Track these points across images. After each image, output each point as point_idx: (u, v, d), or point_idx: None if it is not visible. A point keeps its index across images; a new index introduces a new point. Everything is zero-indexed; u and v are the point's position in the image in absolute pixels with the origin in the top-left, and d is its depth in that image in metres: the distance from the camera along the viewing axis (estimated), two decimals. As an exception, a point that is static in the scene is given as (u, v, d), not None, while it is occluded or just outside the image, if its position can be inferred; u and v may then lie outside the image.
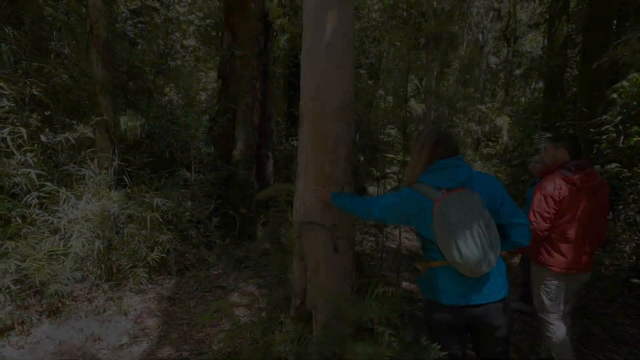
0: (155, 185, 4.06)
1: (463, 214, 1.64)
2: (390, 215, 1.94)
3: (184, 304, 3.54)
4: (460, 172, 1.76)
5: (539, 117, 9.70)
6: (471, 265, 1.62)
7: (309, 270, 2.73)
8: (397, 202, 1.88)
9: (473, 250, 1.62)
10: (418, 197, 1.78)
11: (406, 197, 1.83)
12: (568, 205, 2.47)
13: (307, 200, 2.68)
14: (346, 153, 2.60)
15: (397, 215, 1.91)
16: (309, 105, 2.59)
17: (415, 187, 1.82)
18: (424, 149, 1.85)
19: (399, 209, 1.86)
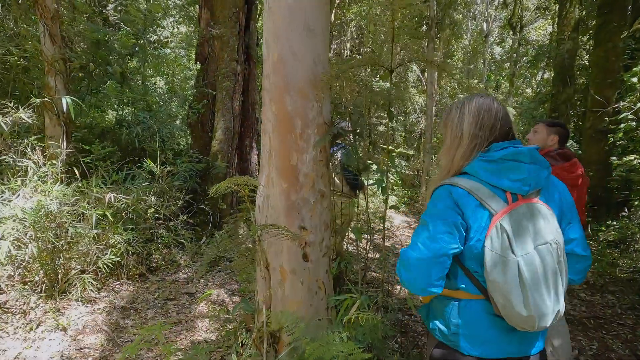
0: (113, 178, 3.57)
1: (541, 246, 1.06)
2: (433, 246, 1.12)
3: (139, 315, 3.07)
4: (538, 168, 1.13)
5: (546, 106, 9.13)
6: (538, 321, 1.05)
7: (273, 283, 2.24)
8: (437, 214, 1.14)
9: (547, 302, 1.05)
10: (465, 199, 1.12)
11: (446, 202, 1.14)
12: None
13: (270, 196, 2.18)
14: (318, 138, 2.08)
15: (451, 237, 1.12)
16: (271, 79, 2.07)
17: (460, 184, 1.14)
18: (471, 118, 1.19)
19: (441, 226, 1.12)
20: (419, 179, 11.14)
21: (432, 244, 1.09)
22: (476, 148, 1.18)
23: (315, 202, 2.14)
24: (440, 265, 1.10)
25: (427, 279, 1.10)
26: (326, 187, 2.20)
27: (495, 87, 23.41)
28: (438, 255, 1.09)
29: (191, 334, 2.92)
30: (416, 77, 17.51)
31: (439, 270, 1.10)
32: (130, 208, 3.42)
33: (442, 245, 1.09)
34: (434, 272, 1.10)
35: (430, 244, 1.10)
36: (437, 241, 1.09)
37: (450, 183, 1.15)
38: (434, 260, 1.09)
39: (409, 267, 1.13)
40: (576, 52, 8.30)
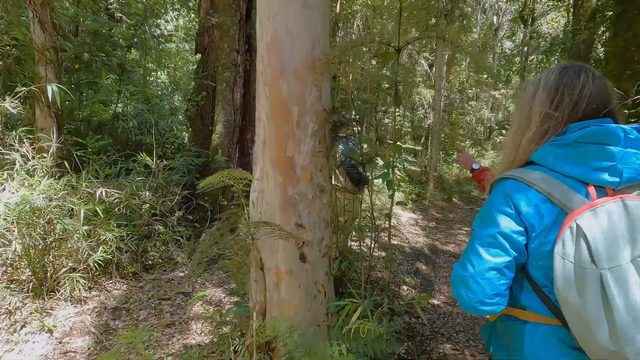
0: (105, 172, 3.41)
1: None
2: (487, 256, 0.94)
3: (131, 316, 2.92)
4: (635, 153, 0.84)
5: (560, 100, 8.77)
6: (626, 354, 0.77)
7: (268, 285, 2.06)
8: (484, 219, 0.97)
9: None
10: (524, 194, 0.91)
11: (496, 204, 0.95)
12: None
13: (264, 191, 1.99)
14: (316, 127, 1.89)
15: (501, 247, 0.93)
16: (265, 61, 1.87)
17: (518, 176, 0.93)
18: (545, 95, 0.95)
19: (487, 236, 0.94)
20: (427, 176, 10.88)
21: (476, 257, 0.93)
22: (549, 132, 0.94)
23: (314, 198, 1.95)
24: (488, 281, 0.91)
25: (475, 296, 0.93)
26: (326, 181, 2.00)
27: (505, 82, 22.93)
28: (483, 270, 0.92)
29: (184, 336, 2.76)
30: (424, 72, 17.18)
31: (490, 286, 0.92)
32: (123, 203, 3.26)
33: (487, 260, 0.92)
34: (483, 289, 0.92)
35: (474, 257, 0.94)
36: (481, 255, 0.93)
37: (506, 176, 0.95)
38: (480, 276, 0.92)
39: (455, 283, 0.99)
40: (593, 42, 7.95)
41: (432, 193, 9.76)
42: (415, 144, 16.35)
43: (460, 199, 10.69)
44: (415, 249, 5.50)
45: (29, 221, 2.68)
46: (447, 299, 4.01)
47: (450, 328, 3.40)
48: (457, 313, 3.67)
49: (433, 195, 9.75)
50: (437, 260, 5.39)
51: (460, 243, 6.35)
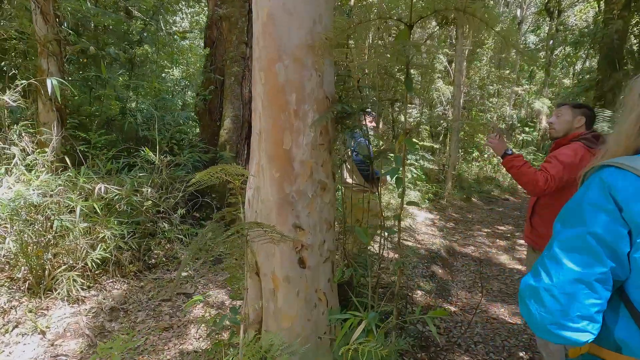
0: (106, 167, 3.31)
1: None
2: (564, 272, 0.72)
3: (129, 317, 2.80)
4: None
5: (590, 94, 8.26)
6: None
7: (264, 292, 1.87)
8: (572, 219, 0.75)
9: None
10: (631, 187, 0.69)
11: (590, 198, 0.73)
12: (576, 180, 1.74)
13: (260, 188, 1.80)
14: (317, 117, 1.68)
15: (581, 262, 0.71)
16: (260, 43, 1.68)
17: (624, 164, 0.72)
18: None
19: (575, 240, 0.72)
20: (445, 174, 10.48)
21: (555, 265, 0.72)
22: None
23: (314, 196, 1.74)
24: (571, 297, 0.69)
25: (551, 316, 0.71)
26: (328, 177, 1.79)
27: (529, 78, 22.03)
28: (565, 282, 0.70)
29: (182, 341, 2.61)
30: (443, 68, 16.64)
31: (574, 304, 0.69)
32: (124, 200, 3.15)
33: (571, 269, 0.70)
34: (563, 307, 0.70)
35: (552, 265, 0.72)
36: (563, 262, 0.71)
37: (607, 164, 0.74)
38: (559, 290, 0.70)
39: (524, 297, 0.77)
40: (627, 32, 7.40)
41: (450, 192, 9.39)
42: (434, 141, 15.89)
43: (480, 199, 10.27)
44: (431, 251, 5.22)
45: (26, 217, 2.59)
46: (465, 305, 3.74)
47: (468, 338, 3.14)
48: (475, 322, 3.40)
49: (451, 195, 9.38)
50: (455, 264, 5.10)
51: (480, 245, 6.03)
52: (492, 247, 5.85)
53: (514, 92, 19.70)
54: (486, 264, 5.11)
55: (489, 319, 3.48)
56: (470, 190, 10.64)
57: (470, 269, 4.91)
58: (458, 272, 4.76)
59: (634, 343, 0.69)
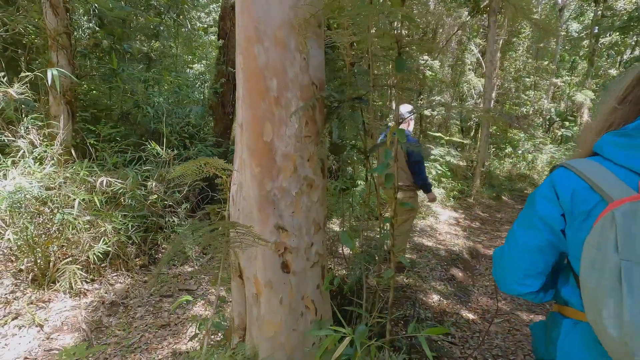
0: (112, 161, 3.30)
1: None
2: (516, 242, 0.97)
3: (128, 313, 2.77)
4: None
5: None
6: (631, 348, 0.69)
7: (247, 297, 1.73)
8: (527, 204, 0.98)
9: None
10: (567, 181, 0.89)
11: (541, 189, 0.95)
12: None
13: (242, 184, 1.65)
14: (301, 105, 1.50)
15: (528, 236, 0.94)
16: (239, 23, 1.52)
17: (568, 164, 0.92)
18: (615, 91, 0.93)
19: (524, 218, 0.97)
20: (473, 171, 9.95)
21: (512, 238, 0.99)
22: (613, 126, 0.91)
23: (299, 194, 1.57)
24: (522, 261, 0.95)
25: (510, 275, 0.98)
26: (316, 173, 1.61)
27: (569, 69, 20.57)
28: (518, 250, 0.96)
29: (177, 340, 2.53)
30: (475, 60, 15.83)
31: (523, 266, 0.95)
32: (128, 194, 3.12)
33: (522, 240, 0.95)
34: (517, 268, 0.96)
35: (510, 238, 1.00)
36: (516, 236, 0.97)
37: (559, 164, 0.96)
38: (514, 256, 0.97)
39: (494, 263, 1.06)
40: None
41: (478, 190, 8.89)
42: (464, 137, 15.19)
43: (511, 198, 9.67)
44: (452, 252, 4.90)
45: (30, 210, 2.60)
46: (485, 313, 3.44)
47: (487, 351, 2.87)
48: (495, 332, 3.11)
49: (479, 193, 8.88)
50: (477, 267, 4.76)
51: (507, 247, 5.60)
52: (520, 250, 5.42)
53: (553, 84, 18.49)
54: (513, 268, 4.73)
55: (511, 330, 3.17)
56: (501, 188, 10.04)
57: (494, 273, 4.56)
58: (480, 276, 4.43)
59: (574, 299, 0.92)
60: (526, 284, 0.95)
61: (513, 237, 0.97)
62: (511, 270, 0.96)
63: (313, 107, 1.52)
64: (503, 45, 14.85)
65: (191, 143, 4.43)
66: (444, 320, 3.22)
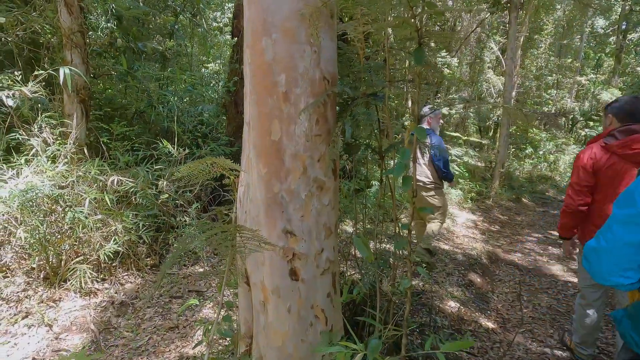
0: (124, 159, 3.28)
1: None
2: (616, 236, 1.04)
3: (137, 314, 2.73)
4: None
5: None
6: None
7: (254, 304, 1.64)
8: (632, 202, 1.02)
9: None
10: None
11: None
12: (608, 177, 2.19)
13: (250, 185, 1.56)
14: (311, 101, 1.40)
15: (629, 230, 1.02)
16: (246, 15, 1.43)
17: None
18: None
19: (624, 209, 1.04)
20: (491, 172, 9.65)
21: (610, 234, 1.03)
22: None
23: (309, 197, 1.47)
24: (622, 255, 1.01)
25: (607, 267, 1.04)
26: (327, 175, 1.50)
27: (595, 67, 19.78)
28: (618, 245, 1.01)
29: (185, 343, 2.48)
30: (494, 58, 15.39)
31: (623, 260, 1.01)
32: (139, 193, 3.09)
33: (622, 236, 1.00)
34: (616, 261, 1.02)
35: (608, 234, 1.04)
36: (615, 232, 1.02)
37: None
38: (613, 250, 1.02)
39: (587, 255, 1.11)
40: None
41: (497, 192, 8.60)
42: (482, 137, 14.79)
43: (532, 200, 9.33)
44: (470, 257, 4.72)
45: (43, 208, 2.60)
46: (506, 322, 3.27)
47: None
48: (517, 344, 2.95)
49: (498, 194, 8.59)
50: (497, 272, 4.56)
51: (529, 252, 5.37)
52: (542, 255, 5.18)
53: (577, 83, 17.83)
54: (534, 274, 4.51)
55: (533, 342, 3.00)
56: (521, 189, 9.70)
57: (514, 279, 4.35)
58: (500, 283, 4.24)
59: None
60: (627, 276, 1.01)
61: (611, 233, 1.02)
62: (612, 264, 1.03)
63: (324, 104, 1.42)
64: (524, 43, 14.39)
65: (204, 142, 4.39)
66: (462, 328, 3.07)
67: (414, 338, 2.73)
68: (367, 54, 1.49)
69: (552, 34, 17.48)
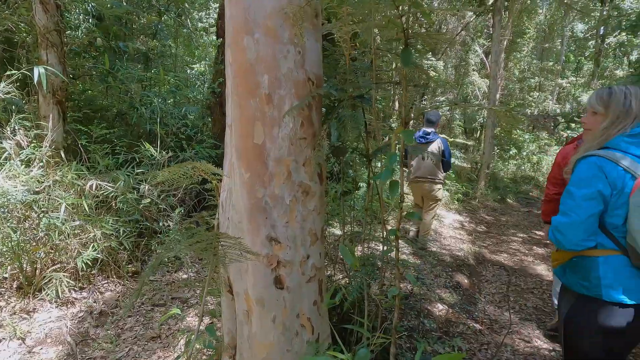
0: (104, 163, 3.16)
1: None
2: (584, 211, 1.35)
3: (116, 324, 2.63)
4: None
5: (649, 85, 7.30)
6: None
7: (238, 313, 1.58)
8: (593, 182, 1.34)
9: None
10: (608, 166, 1.33)
11: (591, 171, 1.35)
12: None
13: (232, 191, 1.50)
14: (295, 103, 1.35)
15: (592, 205, 1.34)
16: (228, 13, 1.37)
17: (606, 156, 1.34)
18: (638, 106, 1.37)
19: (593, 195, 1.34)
20: (477, 173, 9.76)
21: (578, 208, 1.33)
22: (622, 129, 1.38)
23: (294, 202, 1.42)
24: (586, 225, 1.33)
25: (578, 236, 1.33)
26: (313, 180, 1.46)
27: (575, 70, 20.31)
28: (585, 217, 1.32)
29: (167, 353, 2.38)
30: (479, 61, 15.63)
31: (588, 229, 1.33)
32: (119, 197, 2.98)
33: (587, 209, 1.32)
34: (585, 230, 1.33)
35: (577, 209, 1.33)
36: (583, 206, 1.32)
37: (591, 154, 1.36)
38: (583, 222, 1.32)
39: (559, 228, 1.37)
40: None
41: (482, 192, 8.70)
42: (467, 138, 14.99)
43: (517, 200, 9.47)
44: (457, 258, 4.73)
45: (16, 215, 2.47)
46: (493, 323, 3.28)
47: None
48: (505, 345, 2.95)
49: (484, 195, 8.70)
50: (484, 273, 4.59)
51: (514, 252, 5.43)
52: (528, 255, 5.25)
53: (558, 85, 18.27)
54: (520, 274, 4.55)
55: (520, 342, 3.00)
56: (506, 190, 9.84)
57: (501, 279, 4.38)
58: (487, 283, 4.26)
59: (605, 242, 1.37)
60: (591, 239, 1.35)
61: (579, 207, 1.31)
62: (582, 232, 1.32)
63: (309, 106, 1.37)
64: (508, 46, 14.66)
65: (189, 145, 4.29)
66: (450, 331, 3.06)
67: (402, 342, 2.70)
68: (354, 56, 1.45)
69: (535, 37, 17.88)
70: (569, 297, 1.49)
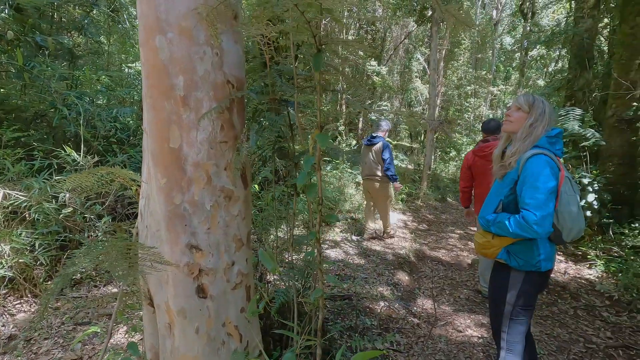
0: (16, 169, 2.84)
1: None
2: (553, 202, 1.64)
3: (30, 348, 2.36)
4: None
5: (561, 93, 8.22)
6: (579, 228, 1.68)
7: (160, 327, 1.49)
8: (552, 177, 1.62)
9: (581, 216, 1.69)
10: (553, 162, 1.65)
11: (550, 169, 1.62)
12: (478, 171, 3.40)
13: (150, 198, 1.42)
14: (213, 106, 1.31)
15: (554, 197, 1.64)
16: (139, 11, 1.30)
17: (548, 154, 1.65)
18: (549, 113, 1.72)
19: (554, 189, 1.63)
20: (420, 174, 10.29)
21: (544, 204, 1.56)
22: (545, 130, 1.72)
23: (216, 208, 1.38)
24: (551, 217, 1.58)
25: (546, 229, 1.57)
26: (236, 184, 1.43)
27: (504, 79, 22.29)
28: (550, 211, 1.57)
29: (89, 377, 2.19)
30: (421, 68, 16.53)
31: (551, 220, 1.59)
32: (33, 207, 2.69)
33: (551, 204, 1.58)
34: (550, 222, 1.58)
35: (544, 204, 1.56)
36: (548, 202, 1.57)
37: (539, 153, 1.64)
38: (550, 215, 1.57)
39: (530, 223, 1.56)
40: (597, 31, 7.37)
41: (425, 192, 9.18)
42: (412, 141, 15.76)
43: (455, 199, 10.11)
44: (399, 256, 4.93)
45: None
46: (430, 316, 3.45)
47: (431, 356, 2.84)
48: (438, 335, 3.11)
49: (426, 195, 9.18)
50: (423, 269, 4.82)
51: (452, 248, 5.79)
52: (464, 250, 5.62)
53: (490, 92, 19.88)
54: (456, 268, 4.86)
55: (453, 332, 3.20)
56: (446, 189, 10.49)
57: (439, 274, 4.64)
58: (426, 279, 4.49)
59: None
60: (550, 229, 1.59)
61: (550, 200, 1.55)
62: (549, 222, 1.55)
63: (230, 109, 1.34)
64: (446, 55, 15.68)
65: (121, 149, 4.00)
66: (390, 327, 3.17)
67: (343, 341, 2.74)
68: (277, 59, 1.45)
69: (469, 48, 19.32)
70: (516, 274, 1.75)
